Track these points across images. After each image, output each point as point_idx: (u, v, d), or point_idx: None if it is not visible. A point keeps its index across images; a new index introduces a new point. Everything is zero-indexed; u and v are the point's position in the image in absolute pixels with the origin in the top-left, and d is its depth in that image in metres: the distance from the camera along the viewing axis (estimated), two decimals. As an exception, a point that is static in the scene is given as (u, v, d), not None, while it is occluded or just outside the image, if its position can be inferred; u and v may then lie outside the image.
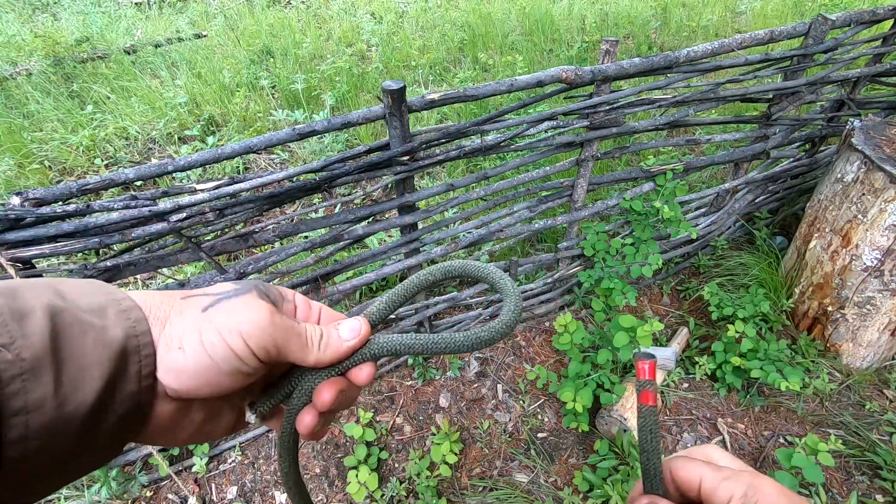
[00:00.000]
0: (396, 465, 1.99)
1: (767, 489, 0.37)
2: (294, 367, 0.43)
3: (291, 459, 0.47)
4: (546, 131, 1.82)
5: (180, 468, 1.98)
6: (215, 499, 1.92)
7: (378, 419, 2.14)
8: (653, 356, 0.44)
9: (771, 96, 2.10)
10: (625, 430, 1.90)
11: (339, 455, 2.03)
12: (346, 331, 0.43)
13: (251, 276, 1.76)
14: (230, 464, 2.01)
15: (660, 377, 2.17)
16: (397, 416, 2.15)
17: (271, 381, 0.44)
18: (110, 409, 0.33)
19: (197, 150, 3.55)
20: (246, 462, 2.02)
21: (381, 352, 0.43)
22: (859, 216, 1.94)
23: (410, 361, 2.31)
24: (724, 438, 2.00)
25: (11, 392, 0.29)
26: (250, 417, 0.42)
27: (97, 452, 0.34)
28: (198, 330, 0.36)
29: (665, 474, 0.44)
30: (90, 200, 1.63)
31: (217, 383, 0.36)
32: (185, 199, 1.36)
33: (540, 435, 2.05)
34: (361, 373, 0.43)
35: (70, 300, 0.34)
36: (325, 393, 0.41)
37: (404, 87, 1.41)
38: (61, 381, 0.31)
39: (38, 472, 0.30)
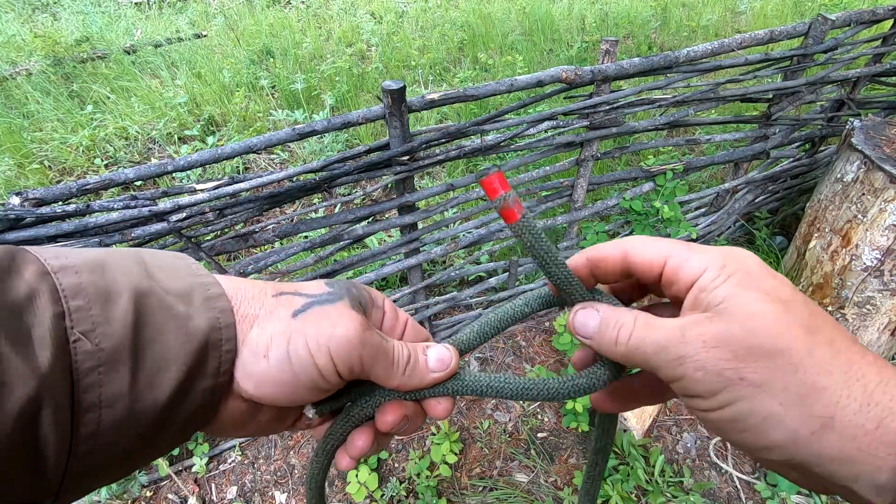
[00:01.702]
0: (396, 465, 1.99)
1: (748, 259, 0.32)
2: None
3: (325, 465, 0.44)
4: (546, 131, 1.82)
5: (180, 468, 1.98)
6: (215, 499, 1.92)
7: (378, 419, 2.14)
8: (494, 167, 0.35)
9: (771, 96, 2.10)
10: (625, 431, 1.90)
11: (339, 455, 2.03)
12: (434, 360, 0.39)
13: (252, 276, 1.76)
14: (230, 464, 2.01)
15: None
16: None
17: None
18: (183, 405, 0.32)
19: (197, 150, 3.55)
20: (246, 462, 2.02)
21: (466, 390, 0.40)
22: (859, 216, 1.94)
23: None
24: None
25: (88, 385, 0.28)
26: (310, 412, 0.39)
27: (162, 446, 0.33)
28: (286, 339, 0.34)
29: (582, 274, 0.38)
30: (90, 200, 1.63)
31: (294, 395, 0.35)
32: (185, 199, 1.36)
33: (540, 435, 2.05)
34: (438, 406, 0.40)
35: (157, 280, 0.32)
36: (390, 414, 0.39)
37: (404, 87, 1.41)
38: (138, 376, 0.29)
39: (102, 464, 0.29)
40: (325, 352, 0.34)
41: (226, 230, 1.53)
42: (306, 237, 2.58)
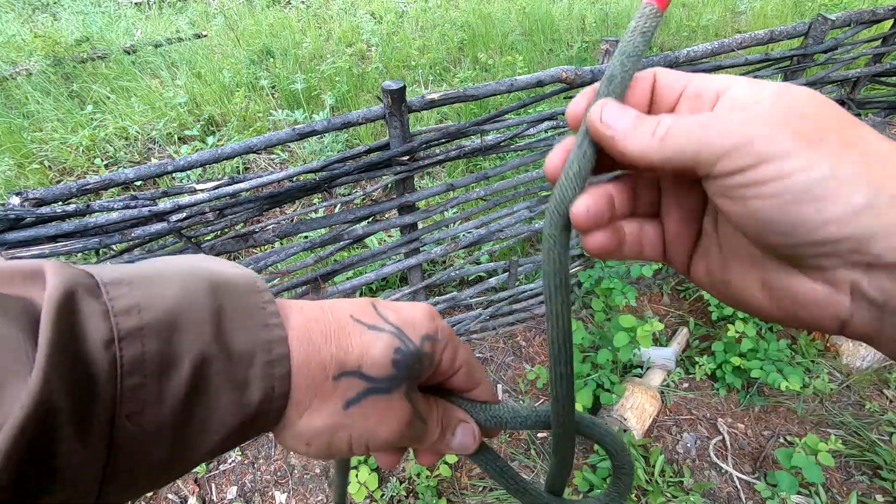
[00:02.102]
0: (396, 464, 1.99)
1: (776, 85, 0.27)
2: None
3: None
4: (546, 131, 1.82)
5: (180, 468, 1.98)
6: (215, 499, 1.92)
7: (378, 419, 2.14)
8: None
9: (771, 96, 2.10)
10: (625, 430, 1.90)
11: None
12: (457, 445, 0.41)
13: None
14: (230, 464, 2.01)
15: (660, 377, 2.17)
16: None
17: None
18: (225, 445, 0.31)
19: (197, 150, 3.55)
20: (246, 462, 2.02)
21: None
22: (859, 216, 1.94)
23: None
24: (724, 438, 2.00)
25: (129, 452, 0.26)
26: None
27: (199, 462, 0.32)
28: (332, 433, 0.33)
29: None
30: (90, 200, 1.63)
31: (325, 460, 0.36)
32: (185, 199, 1.36)
33: (540, 435, 2.05)
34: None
35: (226, 337, 0.29)
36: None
37: (404, 87, 1.41)
38: (176, 447, 0.27)
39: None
40: (363, 447, 0.35)
41: (226, 230, 1.53)
42: (306, 237, 2.58)
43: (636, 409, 1.93)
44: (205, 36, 5.10)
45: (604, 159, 0.31)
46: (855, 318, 0.26)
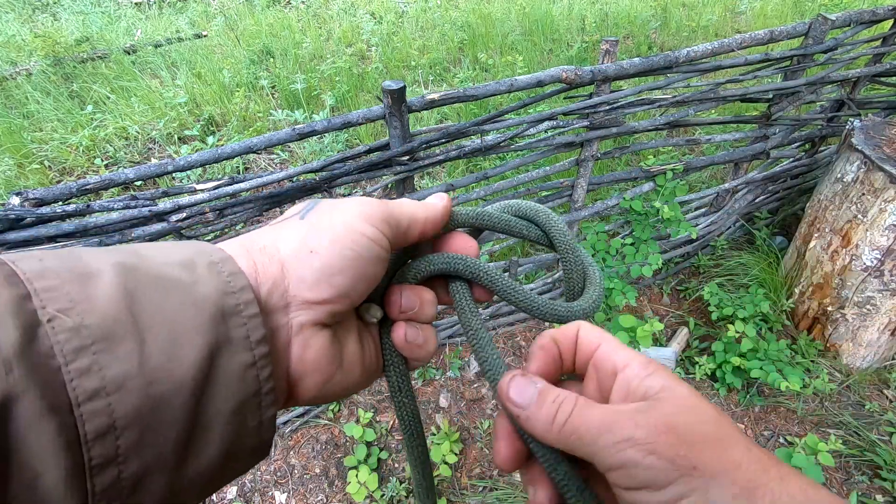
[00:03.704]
0: (396, 465, 1.99)
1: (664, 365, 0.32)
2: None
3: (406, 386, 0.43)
4: (546, 131, 1.82)
5: (180, 468, 1.98)
6: (215, 499, 1.92)
7: (378, 419, 2.14)
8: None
9: (771, 96, 2.10)
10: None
11: (339, 455, 2.03)
12: (433, 198, 0.41)
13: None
14: (230, 464, 2.01)
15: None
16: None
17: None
18: (220, 387, 0.27)
19: (197, 150, 3.55)
20: (246, 462, 2.02)
21: (467, 221, 0.43)
22: (859, 216, 1.94)
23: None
24: (724, 438, 2.00)
25: (80, 369, 0.22)
26: (377, 313, 0.39)
27: (225, 444, 0.27)
28: (315, 230, 0.33)
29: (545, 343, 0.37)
30: (90, 200, 1.63)
31: (364, 275, 0.34)
32: (185, 199, 1.36)
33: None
34: (463, 239, 0.42)
35: (147, 256, 0.28)
36: (393, 295, 0.39)
37: (404, 87, 1.41)
38: (147, 353, 0.24)
39: (151, 473, 0.24)
40: (357, 219, 0.34)
41: (226, 230, 1.53)
42: (306, 237, 2.58)
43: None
44: (205, 36, 5.10)
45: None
46: None
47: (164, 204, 1.34)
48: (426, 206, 0.40)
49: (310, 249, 0.32)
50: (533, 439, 0.32)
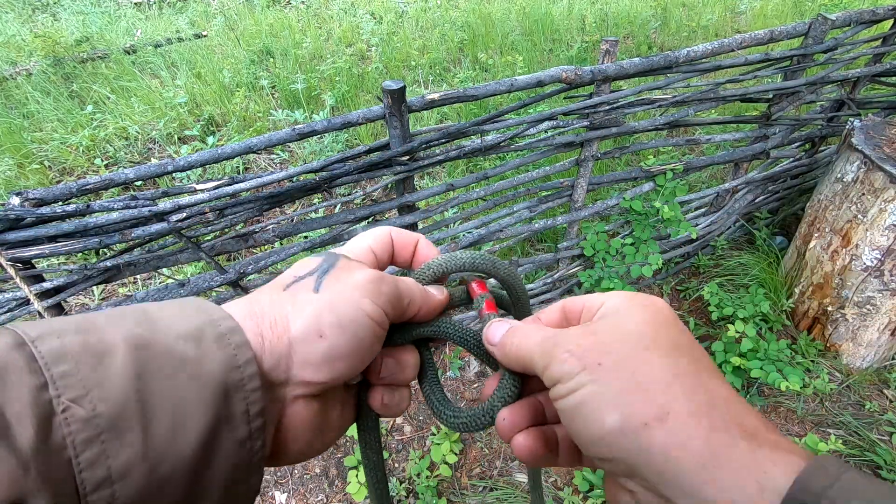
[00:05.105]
0: (396, 465, 1.99)
1: (657, 300, 0.35)
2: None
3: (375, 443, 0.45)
4: (546, 131, 1.82)
5: (180, 468, 1.98)
6: (215, 499, 1.92)
7: (378, 419, 2.14)
8: (481, 277, 0.45)
9: (771, 96, 2.10)
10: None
11: (339, 455, 2.03)
12: (434, 290, 0.42)
13: (251, 277, 1.76)
14: (230, 464, 2.01)
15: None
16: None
17: None
18: (215, 462, 0.28)
19: (197, 150, 3.55)
20: (246, 462, 2.02)
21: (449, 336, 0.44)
22: (859, 216, 1.94)
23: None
24: (724, 438, 2.00)
25: (90, 459, 0.23)
26: (356, 377, 0.40)
27: None
28: (328, 310, 0.33)
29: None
30: (90, 200, 1.63)
31: (363, 358, 0.35)
32: (185, 199, 1.36)
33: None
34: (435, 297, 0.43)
35: (159, 326, 0.29)
36: (376, 362, 0.40)
37: (404, 87, 1.41)
38: (151, 437, 0.25)
39: None
40: (365, 300, 0.34)
41: (226, 230, 1.53)
42: (306, 237, 2.58)
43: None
44: (205, 36, 5.10)
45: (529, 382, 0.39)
46: None
47: (164, 204, 1.34)
48: (426, 295, 0.40)
49: (319, 333, 0.32)
50: (506, 369, 0.39)
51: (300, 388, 0.33)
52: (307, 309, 0.33)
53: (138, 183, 2.14)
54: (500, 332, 0.39)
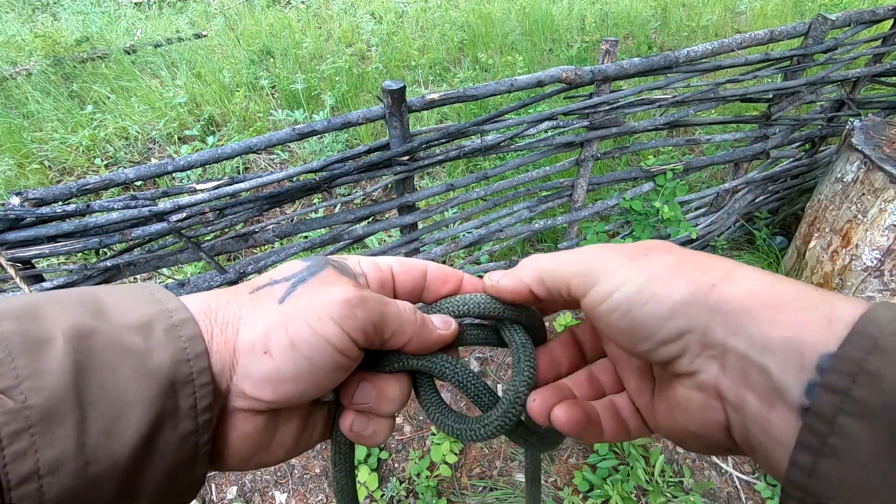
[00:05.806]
0: (396, 465, 1.99)
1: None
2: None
3: (347, 466, 0.42)
4: (546, 131, 1.82)
5: (180, 468, 1.98)
6: (215, 499, 1.92)
7: (378, 419, 2.13)
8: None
9: (771, 96, 2.10)
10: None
11: (339, 455, 2.03)
12: (439, 321, 0.37)
13: (251, 277, 1.76)
14: (230, 464, 2.01)
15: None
16: (397, 415, 2.15)
17: None
18: (156, 458, 0.26)
19: (197, 150, 3.55)
20: (246, 462, 2.02)
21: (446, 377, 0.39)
22: (859, 216, 1.94)
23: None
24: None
25: (15, 453, 0.22)
26: (328, 394, 0.36)
27: (153, 502, 0.27)
28: (282, 326, 0.30)
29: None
30: (90, 200, 1.63)
31: (319, 383, 0.31)
32: (184, 199, 1.36)
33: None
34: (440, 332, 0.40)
35: (109, 315, 0.27)
36: (349, 385, 0.36)
37: (404, 87, 1.41)
38: (87, 431, 0.24)
39: None
40: (329, 323, 0.30)
41: (226, 230, 1.53)
42: (306, 237, 2.58)
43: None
44: (205, 36, 5.10)
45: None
46: (732, 422, 0.28)
47: (164, 204, 1.34)
48: (422, 327, 0.36)
49: (265, 350, 0.30)
50: (520, 353, 0.38)
51: (241, 401, 0.31)
52: (261, 320, 0.30)
53: (138, 183, 2.14)
54: (516, 268, 0.37)
